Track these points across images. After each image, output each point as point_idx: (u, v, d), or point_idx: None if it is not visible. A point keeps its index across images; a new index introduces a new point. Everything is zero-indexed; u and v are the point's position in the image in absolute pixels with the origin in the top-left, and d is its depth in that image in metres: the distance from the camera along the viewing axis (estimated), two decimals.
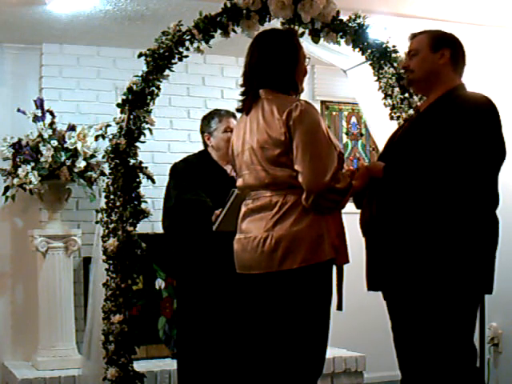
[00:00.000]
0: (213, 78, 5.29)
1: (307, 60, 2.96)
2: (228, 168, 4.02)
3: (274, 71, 2.86)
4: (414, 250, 2.73)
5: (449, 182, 2.71)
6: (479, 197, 2.75)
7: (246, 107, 2.93)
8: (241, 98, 2.96)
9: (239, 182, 2.97)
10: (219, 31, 3.81)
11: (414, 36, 3.01)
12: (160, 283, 4.89)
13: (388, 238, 2.79)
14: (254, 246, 2.80)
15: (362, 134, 5.78)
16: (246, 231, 2.87)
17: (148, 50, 3.81)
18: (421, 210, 2.73)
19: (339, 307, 2.87)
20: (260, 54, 2.88)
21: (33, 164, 4.49)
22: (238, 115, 3.08)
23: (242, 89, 2.95)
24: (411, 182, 2.75)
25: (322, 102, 5.64)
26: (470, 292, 2.77)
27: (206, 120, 4.17)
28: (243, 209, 2.93)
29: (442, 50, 2.91)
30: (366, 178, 2.85)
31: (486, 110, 2.79)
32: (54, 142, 4.52)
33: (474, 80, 4.74)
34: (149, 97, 3.82)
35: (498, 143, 2.76)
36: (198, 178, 3.99)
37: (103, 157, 4.00)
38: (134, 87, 3.80)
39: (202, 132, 4.19)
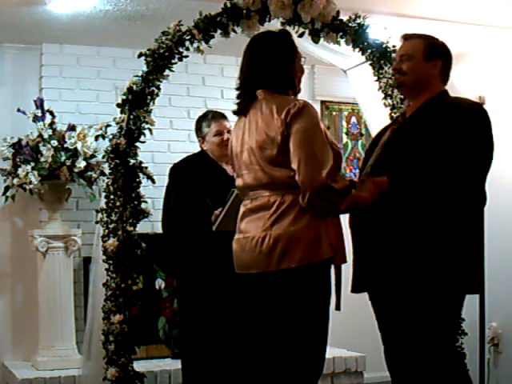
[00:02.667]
0: (213, 78, 5.29)
1: (303, 59, 2.97)
2: (228, 168, 4.02)
3: (270, 72, 2.86)
4: (405, 251, 2.74)
5: (445, 186, 2.72)
6: (471, 202, 2.80)
7: (243, 109, 2.92)
8: (237, 100, 2.96)
9: (238, 182, 2.97)
10: (219, 31, 3.81)
11: (407, 37, 3.02)
12: (160, 283, 4.89)
13: (381, 240, 2.79)
14: (253, 245, 2.80)
15: (362, 134, 5.78)
16: (245, 231, 2.87)
17: (148, 50, 3.81)
18: (415, 213, 2.74)
19: (337, 307, 2.87)
20: (255, 56, 2.89)
21: (33, 164, 4.49)
22: (231, 117, 3.07)
23: (238, 91, 2.95)
24: (418, 193, 2.75)
25: (322, 102, 5.64)
26: (455, 292, 2.78)
27: (198, 124, 4.16)
28: (242, 209, 2.93)
29: (435, 61, 2.94)
30: (375, 193, 2.82)
31: (478, 113, 2.84)
32: (54, 142, 4.52)
33: (474, 80, 4.75)
34: (149, 97, 3.82)
35: (489, 146, 2.82)
36: (197, 178, 3.99)
37: (103, 157, 4.00)
38: (134, 87, 3.80)
39: (197, 136, 4.19)
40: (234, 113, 3.00)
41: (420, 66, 2.93)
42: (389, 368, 2.93)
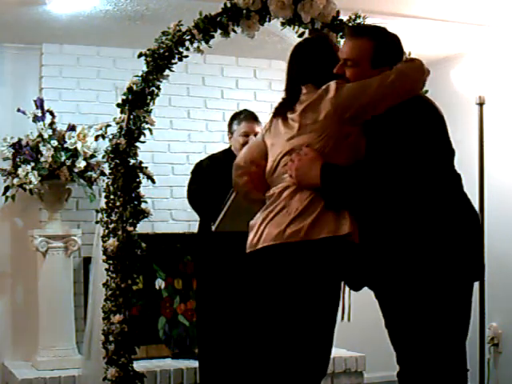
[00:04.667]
0: (213, 78, 5.30)
1: None
2: None
3: (315, 69, 2.87)
4: (402, 249, 2.71)
5: (422, 182, 2.68)
6: (451, 187, 2.74)
7: (282, 112, 2.91)
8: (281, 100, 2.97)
9: (269, 171, 2.93)
10: (219, 31, 3.81)
11: (354, 35, 2.85)
12: (160, 283, 4.90)
13: (377, 240, 2.77)
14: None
15: None
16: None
17: (148, 50, 3.81)
18: (400, 209, 2.71)
19: (344, 317, 2.86)
20: (299, 64, 2.91)
21: (33, 164, 4.50)
22: (262, 119, 3.06)
23: (285, 90, 2.96)
24: (400, 193, 2.73)
25: None
26: (460, 280, 2.75)
27: (231, 121, 4.29)
28: (267, 202, 2.89)
29: (381, 68, 2.78)
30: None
31: (426, 110, 2.75)
32: (54, 142, 4.52)
33: (474, 80, 4.75)
34: (149, 97, 3.83)
35: (447, 140, 2.75)
36: (218, 175, 4.05)
37: (103, 157, 4.01)
38: (134, 87, 3.80)
39: (228, 130, 4.31)
40: (274, 114, 2.97)
41: (365, 74, 2.78)
42: (398, 361, 2.89)
